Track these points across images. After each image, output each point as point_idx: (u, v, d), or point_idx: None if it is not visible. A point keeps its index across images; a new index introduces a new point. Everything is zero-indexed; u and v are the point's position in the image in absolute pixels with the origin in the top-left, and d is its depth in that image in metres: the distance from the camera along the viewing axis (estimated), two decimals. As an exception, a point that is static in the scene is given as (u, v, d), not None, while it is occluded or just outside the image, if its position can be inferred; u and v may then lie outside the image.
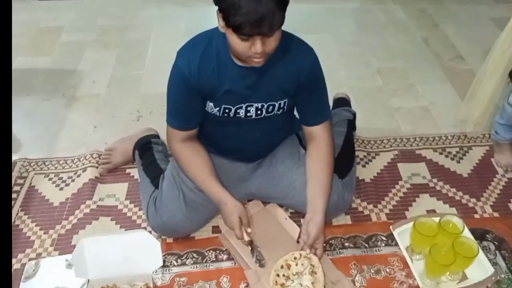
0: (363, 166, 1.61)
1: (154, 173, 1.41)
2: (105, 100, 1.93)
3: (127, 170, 1.58)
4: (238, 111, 1.20)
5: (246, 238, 1.23)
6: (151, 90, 1.98)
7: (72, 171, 1.58)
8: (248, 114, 1.21)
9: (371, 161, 1.64)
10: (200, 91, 1.15)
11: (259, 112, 1.21)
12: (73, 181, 1.55)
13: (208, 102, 1.19)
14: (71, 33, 2.38)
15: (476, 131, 1.72)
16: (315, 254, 1.21)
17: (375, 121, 1.83)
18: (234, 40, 0.99)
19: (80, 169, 1.58)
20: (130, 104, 1.90)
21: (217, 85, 1.14)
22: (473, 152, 1.68)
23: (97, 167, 1.57)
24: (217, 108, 1.19)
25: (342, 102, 1.63)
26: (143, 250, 1.19)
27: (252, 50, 0.99)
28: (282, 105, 1.22)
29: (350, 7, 2.67)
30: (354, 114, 1.62)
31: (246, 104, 1.19)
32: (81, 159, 1.62)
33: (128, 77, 2.08)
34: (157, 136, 1.61)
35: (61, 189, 1.52)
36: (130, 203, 1.47)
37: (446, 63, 2.18)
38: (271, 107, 1.21)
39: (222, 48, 1.10)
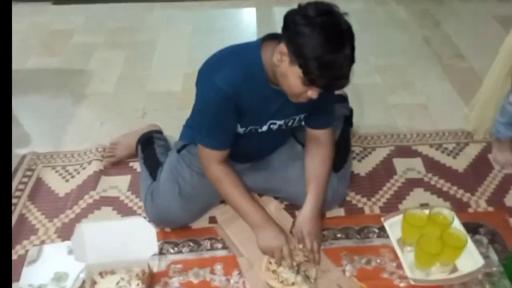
0: (359, 161, 1.64)
1: (153, 165, 1.46)
2: (112, 97, 2.00)
3: (130, 164, 1.64)
4: (261, 129, 1.23)
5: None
6: (156, 89, 2.03)
7: (78, 164, 1.65)
8: (267, 130, 1.24)
9: (367, 156, 1.66)
10: (237, 110, 1.15)
11: (278, 128, 1.24)
12: (78, 173, 1.61)
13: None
14: (81, 36, 2.47)
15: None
16: (313, 258, 1.21)
17: (372, 117, 1.85)
18: (295, 83, 0.99)
19: (86, 162, 1.64)
20: (136, 101, 1.96)
21: (252, 105, 1.15)
22: (470, 148, 1.69)
23: (101, 160, 1.63)
24: (243, 129, 1.22)
25: (340, 98, 1.67)
26: (139, 236, 1.23)
27: (309, 94, 1.02)
28: (302, 118, 1.26)
29: (352, 8, 2.68)
30: (351, 111, 1.65)
31: (270, 122, 1.22)
32: (87, 153, 1.68)
33: (135, 76, 2.14)
34: (160, 132, 1.67)
35: (66, 181, 1.59)
36: (132, 194, 1.52)
37: (446, 61, 2.19)
38: (291, 121, 1.25)
39: (256, 68, 1.10)
